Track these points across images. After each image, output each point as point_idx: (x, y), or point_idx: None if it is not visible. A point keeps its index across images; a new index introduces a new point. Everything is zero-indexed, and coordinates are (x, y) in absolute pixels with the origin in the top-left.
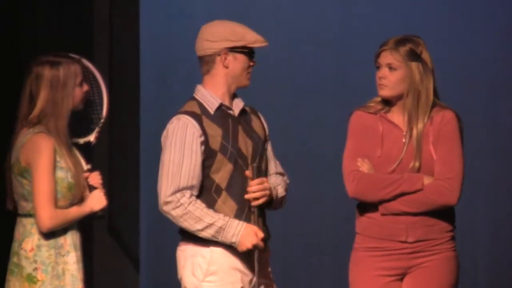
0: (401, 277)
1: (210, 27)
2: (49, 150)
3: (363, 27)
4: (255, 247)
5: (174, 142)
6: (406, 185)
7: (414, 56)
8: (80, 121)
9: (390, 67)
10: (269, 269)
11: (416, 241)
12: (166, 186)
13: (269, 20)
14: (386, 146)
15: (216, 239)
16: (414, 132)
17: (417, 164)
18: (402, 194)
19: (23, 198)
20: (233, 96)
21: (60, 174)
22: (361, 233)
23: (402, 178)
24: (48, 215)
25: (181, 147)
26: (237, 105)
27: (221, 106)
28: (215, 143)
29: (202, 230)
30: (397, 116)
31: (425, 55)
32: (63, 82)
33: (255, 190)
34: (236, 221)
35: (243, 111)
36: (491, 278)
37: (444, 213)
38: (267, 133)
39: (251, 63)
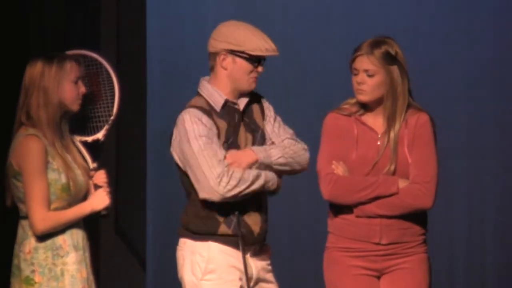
0: (378, 277)
1: (220, 26)
2: (39, 152)
3: (369, 27)
4: None
5: (195, 132)
6: (382, 188)
7: (390, 58)
8: (88, 118)
9: (368, 73)
10: (270, 267)
11: (390, 243)
12: (210, 174)
13: (277, 20)
14: (361, 149)
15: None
16: (391, 134)
17: (392, 167)
18: (378, 197)
19: (20, 201)
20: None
21: (52, 175)
22: (335, 233)
23: (377, 181)
24: (39, 218)
25: (205, 133)
26: (242, 100)
27: (226, 102)
28: (222, 137)
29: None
30: (372, 118)
31: (400, 56)
32: (54, 73)
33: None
34: None
35: (247, 105)
36: (499, 278)
37: (418, 217)
38: (265, 114)
39: (256, 69)
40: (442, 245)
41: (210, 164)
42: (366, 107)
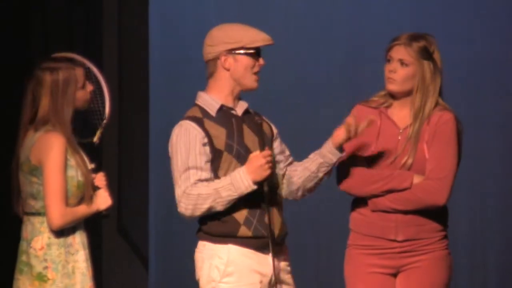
0: (394, 274)
1: (211, 31)
2: (61, 148)
3: (372, 27)
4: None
5: (180, 148)
6: (395, 182)
7: (426, 54)
8: (83, 121)
9: (402, 62)
10: (289, 268)
11: (406, 240)
12: (178, 190)
13: (278, 20)
14: (381, 142)
15: (235, 197)
16: (412, 129)
17: (410, 161)
18: (390, 191)
19: (32, 197)
20: (238, 99)
21: (70, 172)
22: (354, 230)
23: (392, 175)
24: (59, 213)
25: (186, 151)
26: (241, 106)
27: (222, 107)
28: (220, 143)
29: (219, 199)
30: (397, 112)
31: (436, 55)
32: (63, 88)
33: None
34: (235, 170)
35: (246, 112)
36: (501, 279)
37: (436, 213)
38: (274, 133)
39: (258, 63)
40: None
41: (177, 183)
42: (394, 98)
